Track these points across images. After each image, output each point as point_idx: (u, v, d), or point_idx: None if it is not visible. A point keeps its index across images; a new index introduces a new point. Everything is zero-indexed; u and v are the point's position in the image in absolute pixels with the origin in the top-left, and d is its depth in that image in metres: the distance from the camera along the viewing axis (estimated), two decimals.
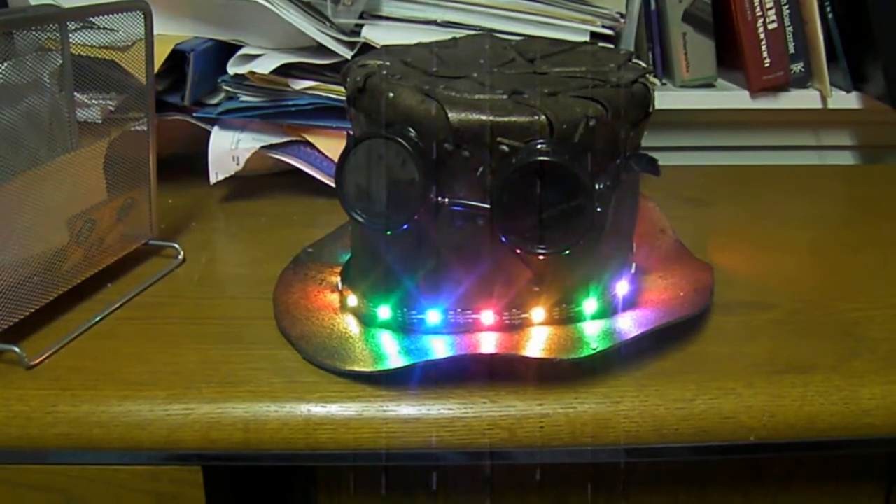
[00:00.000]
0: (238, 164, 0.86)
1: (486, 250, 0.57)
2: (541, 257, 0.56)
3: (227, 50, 0.87)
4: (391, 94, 0.56)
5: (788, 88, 1.00)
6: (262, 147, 0.86)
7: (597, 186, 0.54)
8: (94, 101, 0.70)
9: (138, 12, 0.67)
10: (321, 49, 0.84)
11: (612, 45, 0.88)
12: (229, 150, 0.86)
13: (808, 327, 0.64)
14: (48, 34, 0.63)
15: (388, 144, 0.55)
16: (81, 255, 0.66)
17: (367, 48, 0.85)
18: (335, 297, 0.65)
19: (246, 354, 0.60)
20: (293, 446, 0.55)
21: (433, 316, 0.59)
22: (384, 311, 0.60)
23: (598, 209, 0.54)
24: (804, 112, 1.01)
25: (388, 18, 0.86)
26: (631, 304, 0.62)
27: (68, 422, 0.55)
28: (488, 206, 0.55)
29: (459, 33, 0.80)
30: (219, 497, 0.60)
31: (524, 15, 0.86)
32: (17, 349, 0.58)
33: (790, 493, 0.66)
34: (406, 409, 0.55)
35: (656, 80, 1.01)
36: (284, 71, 0.84)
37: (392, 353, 0.58)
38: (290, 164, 0.88)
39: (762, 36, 0.97)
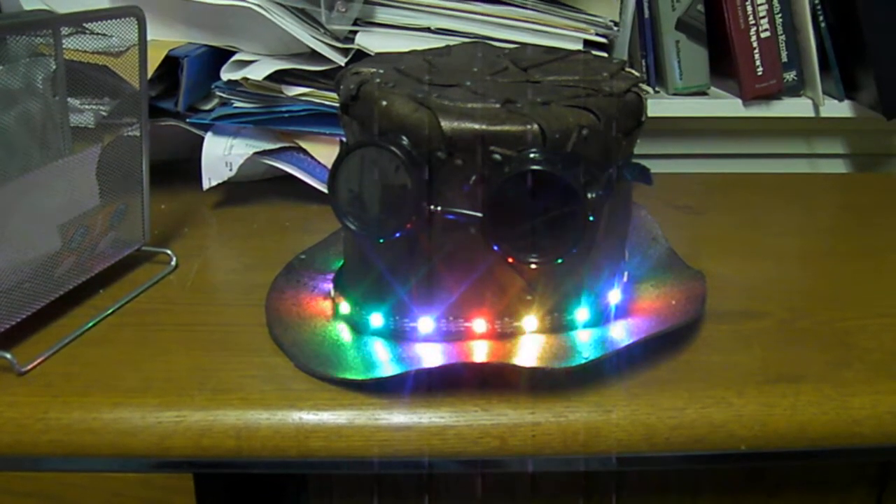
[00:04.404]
0: (231, 170, 0.86)
1: (478, 259, 0.57)
2: (533, 266, 0.56)
3: (220, 56, 0.87)
4: (384, 102, 0.56)
5: (781, 97, 1.00)
6: (256, 153, 0.86)
7: (589, 195, 0.54)
8: (87, 106, 0.70)
9: (132, 18, 0.67)
10: (315, 55, 0.84)
11: (605, 54, 0.89)
12: (222, 155, 0.86)
13: (799, 336, 0.64)
14: (42, 39, 0.63)
15: (381, 152, 0.55)
16: (74, 261, 0.66)
17: (360, 55, 0.85)
18: (327, 305, 0.65)
19: (238, 361, 0.60)
20: (285, 454, 0.55)
21: (425, 324, 0.59)
22: (376, 319, 0.60)
23: (591, 218, 0.54)
24: (796, 120, 1.01)
25: (381, 25, 0.86)
26: (623, 312, 0.63)
27: (60, 428, 0.54)
28: (480, 214, 0.55)
29: (453, 41, 0.80)
30: None
31: (518, 23, 0.86)
32: (8, 355, 0.58)
33: (781, 502, 0.66)
34: (398, 417, 0.55)
35: (649, 88, 1.01)
36: (278, 77, 0.84)
37: (384, 361, 0.58)
38: (283, 171, 0.87)
39: (755, 44, 0.97)
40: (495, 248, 0.55)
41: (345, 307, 0.63)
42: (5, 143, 0.61)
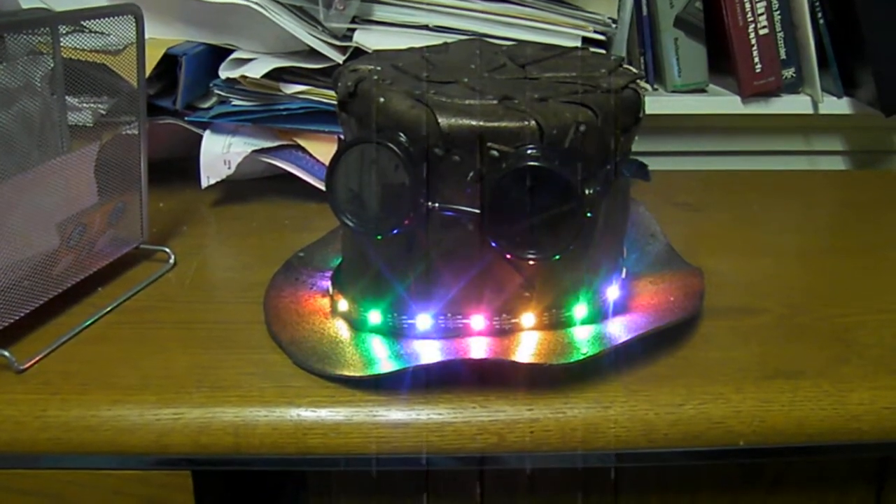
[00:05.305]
0: (229, 168, 0.86)
1: (476, 255, 0.57)
2: (531, 262, 0.56)
3: (219, 54, 0.87)
4: (382, 99, 0.56)
5: (779, 94, 1.00)
6: (254, 151, 0.86)
7: (587, 192, 0.54)
8: (85, 104, 0.70)
9: (130, 16, 0.67)
10: (313, 53, 0.84)
11: (603, 51, 0.89)
12: (221, 154, 0.86)
13: (797, 332, 0.64)
14: (40, 38, 0.63)
15: (379, 149, 0.55)
16: (72, 259, 0.66)
17: (358, 52, 0.85)
18: (326, 302, 0.65)
19: (236, 359, 0.60)
20: (283, 451, 0.55)
21: (423, 320, 0.59)
22: (375, 316, 0.60)
23: (589, 214, 0.54)
24: (795, 117, 1.01)
25: (379, 23, 0.86)
26: (621, 308, 0.63)
27: (58, 426, 0.54)
28: (478, 211, 0.55)
29: (451, 38, 0.80)
30: (208, 502, 0.60)
31: (516, 20, 0.86)
32: (6, 353, 0.58)
33: (779, 498, 0.66)
34: (396, 413, 0.55)
35: (647, 86, 1.01)
36: (276, 75, 0.84)
37: (382, 358, 0.58)
38: (281, 169, 0.87)
39: (753, 41, 0.97)
40: (493, 244, 0.55)
41: (343, 304, 0.63)
42: (3, 142, 0.61)
